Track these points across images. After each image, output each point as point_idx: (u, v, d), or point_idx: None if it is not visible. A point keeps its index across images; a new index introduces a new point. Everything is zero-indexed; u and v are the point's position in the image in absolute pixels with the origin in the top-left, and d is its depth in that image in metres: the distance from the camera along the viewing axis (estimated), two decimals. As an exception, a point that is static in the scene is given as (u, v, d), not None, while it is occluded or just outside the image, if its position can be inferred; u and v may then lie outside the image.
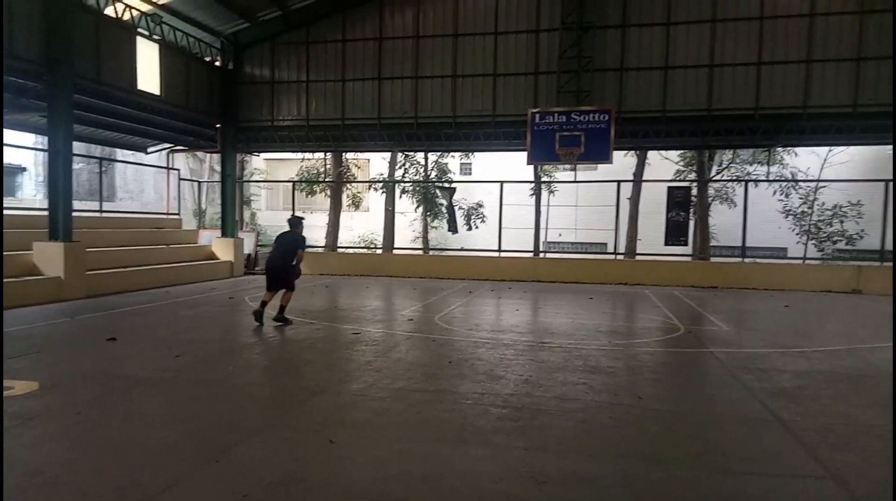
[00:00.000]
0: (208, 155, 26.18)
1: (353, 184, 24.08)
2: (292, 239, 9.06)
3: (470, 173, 30.08)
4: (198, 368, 6.17)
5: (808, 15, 14.48)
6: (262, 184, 28.99)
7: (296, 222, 9.24)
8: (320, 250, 21.75)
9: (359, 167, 25.57)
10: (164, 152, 20.74)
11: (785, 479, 3.62)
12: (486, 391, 5.37)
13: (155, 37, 14.73)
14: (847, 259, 19.46)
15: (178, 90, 15.50)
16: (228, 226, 17.98)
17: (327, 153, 22.68)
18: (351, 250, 23.57)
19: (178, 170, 20.57)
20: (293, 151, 20.44)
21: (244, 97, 17.90)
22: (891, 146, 22.24)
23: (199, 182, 24.26)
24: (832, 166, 21.87)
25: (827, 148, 21.14)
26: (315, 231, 24.91)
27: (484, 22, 16.28)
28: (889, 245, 16.61)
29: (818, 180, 19.84)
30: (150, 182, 30.88)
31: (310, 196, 24.36)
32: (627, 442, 4.17)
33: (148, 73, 14.36)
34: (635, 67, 15.42)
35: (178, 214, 18.93)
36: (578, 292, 13.95)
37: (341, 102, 17.39)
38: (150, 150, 20.18)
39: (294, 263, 8.99)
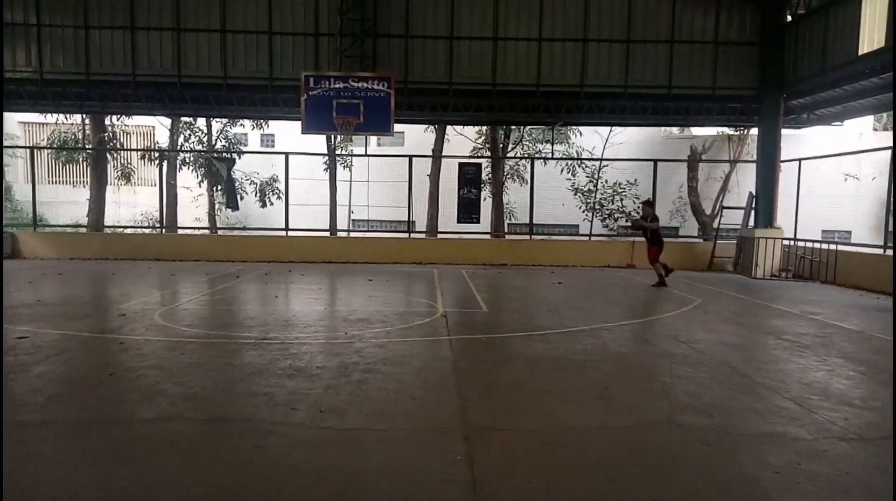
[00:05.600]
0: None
1: (122, 154, 20.82)
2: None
3: (273, 146, 27.89)
4: None
5: (583, -7, 14.66)
6: (10, 151, 24.14)
7: (647, 203, 12.13)
8: (83, 230, 18.57)
9: (129, 134, 22.17)
10: None
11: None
12: (110, 418, 4.01)
13: None
14: (628, 235, 20.73)
15: None
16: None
17: (86, 116, 19.31)
18: (123, 230, 20.44)
19: None
20: (22, 111, 16.98)
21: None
22: (657, 128, 24.21)
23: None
24: (613, 146, 23.06)
25: (608, 128, 22.20)
26: (77, 208, 21.39)
27: (255, -29, 14.44)
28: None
29: (601, 159, 20.80)
30: None
31: (69, 166, 20.73)
32: (240, 480, 3.06)
33: None
34: (420, 34, 14.63)
35: None
36: (364, 274, 13.01)
37: (85, 54, 14.55)
38: None
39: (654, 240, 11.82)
